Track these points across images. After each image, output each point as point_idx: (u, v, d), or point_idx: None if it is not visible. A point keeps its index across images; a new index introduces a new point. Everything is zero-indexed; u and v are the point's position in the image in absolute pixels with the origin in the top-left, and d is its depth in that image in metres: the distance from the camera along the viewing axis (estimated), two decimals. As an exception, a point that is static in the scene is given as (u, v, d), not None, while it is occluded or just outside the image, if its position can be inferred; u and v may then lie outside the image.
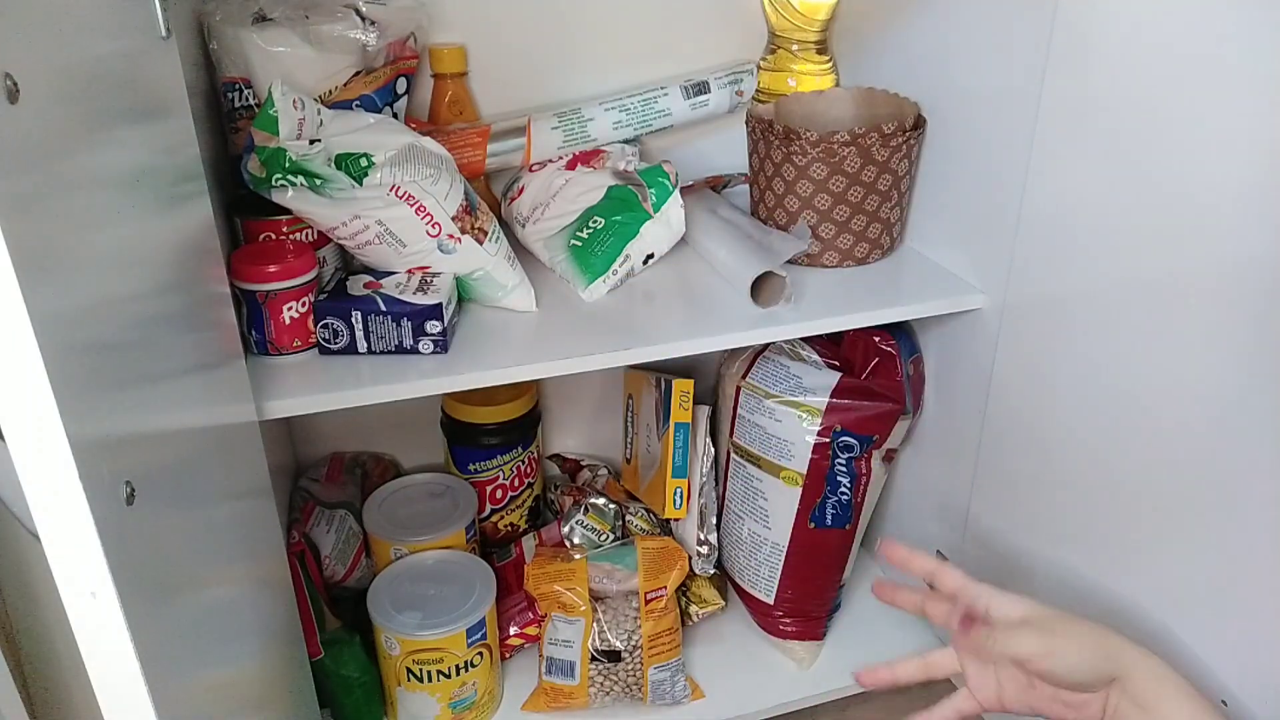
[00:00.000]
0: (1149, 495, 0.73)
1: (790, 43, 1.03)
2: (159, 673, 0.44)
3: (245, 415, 0.70)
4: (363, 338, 0.77)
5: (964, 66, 0.88)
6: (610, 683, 0.95)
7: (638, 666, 0.95)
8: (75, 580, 0.40)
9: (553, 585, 0.95)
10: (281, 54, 0.82)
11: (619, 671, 0.95)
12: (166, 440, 0.51)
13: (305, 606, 0.88)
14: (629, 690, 0.96)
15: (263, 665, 0.68)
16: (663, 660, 0.96)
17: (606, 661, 0.94)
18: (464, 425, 1.06)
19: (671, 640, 0.96)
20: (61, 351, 0.37)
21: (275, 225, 0.80)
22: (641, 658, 0.95)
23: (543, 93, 1.02)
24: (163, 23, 0.57)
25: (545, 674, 0.96)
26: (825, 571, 1.02)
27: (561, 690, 0.96)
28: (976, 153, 0.87)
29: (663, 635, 0.95)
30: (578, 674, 0.94)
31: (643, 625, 0.94)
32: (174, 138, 0.60)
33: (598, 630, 0.94)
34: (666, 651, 0.96)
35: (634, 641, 0.94)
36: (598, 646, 0.94)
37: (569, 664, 0.95)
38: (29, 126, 0.37)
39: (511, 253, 0.86)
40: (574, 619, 0.94)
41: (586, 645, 0.94)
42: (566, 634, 0.95)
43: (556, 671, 0.95)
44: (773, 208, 0.95)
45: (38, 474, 0.38)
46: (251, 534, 0.69)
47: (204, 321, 0.62)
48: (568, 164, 0.97)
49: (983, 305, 0.89)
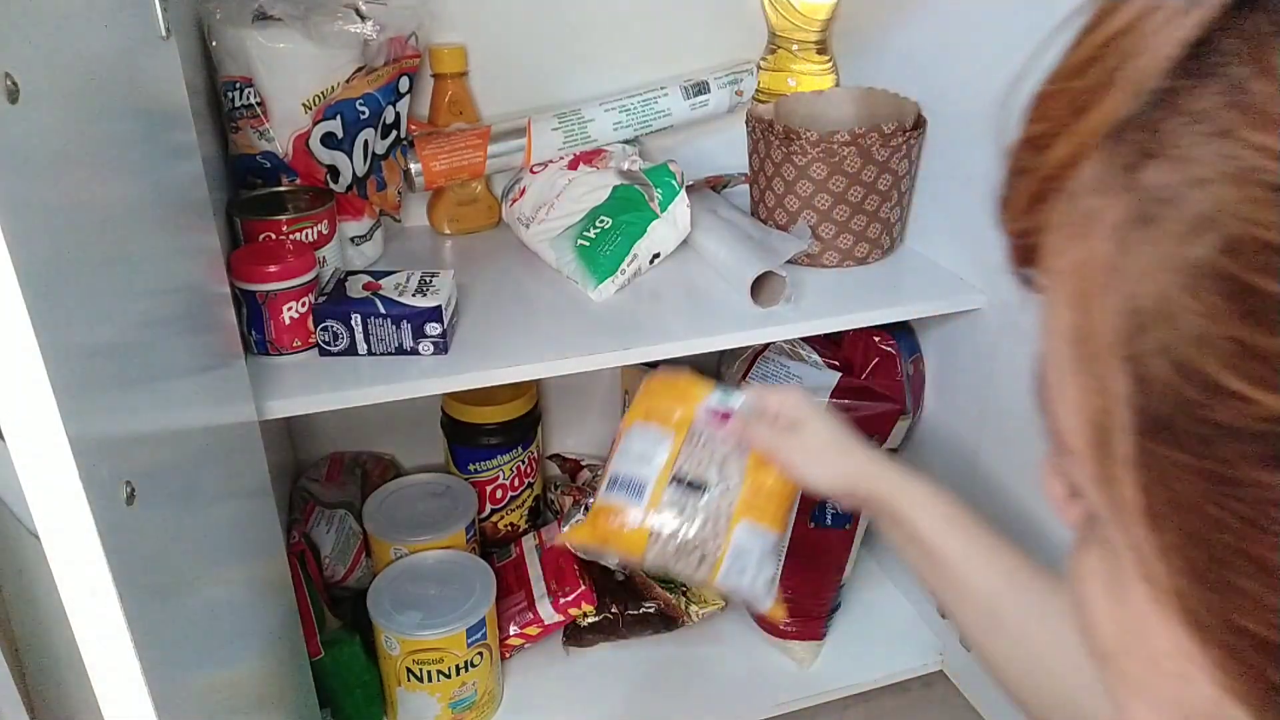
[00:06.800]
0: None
1: (790, 43, 1.03)
2: (159, 673, 0.44)
3: (245, 415, 0.70)
4: (362, 340, 0.77)
5: (964, 66, 0.88)
6: (684, 522, 0.72)
7: (726, 513, 0.72)
8: (75, 580, 0.40)
9: (663, 393, 0.77)
10: (283, 51, 0.82)
11: (699, 510, 0.72)
12: (166, 440, 0.51)
13: (305, 606, 0.88)
14: (700, 547, 0.72)
15: (263, 665, 0.68)
16: (758, 521, 0.72)
17: (689, 489, 0.72)
18: (464, 425, 1.06)
19: (776, 508, 0.73)
20: (62, 352, 0.37)
21: (275, 225, 0.80)
22: (734, 503, 0.72)
23: (543, 93, 1.02)
24: (163, 22, 0.57)
25: (604, 491, 0.74)
26: (825, 571, 1.02)
27: (620, 512, 0.73)
28: (976, 153, 0.87)
29: (767, 492, 0.73)
30: (647, 496, 0.72)
31: (748, 470, 0.72)
32: (174, 137, 0.60)
33: (688, 455, 0.73)
34: (765, 515, 0.73)
35: (730, 483, 0.73)
36: (685, 475, 0.73)
37: (639, 483, 0.73)
38: (29, 126, 0.37)
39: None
40: (664, 432, 0.74)
41: (670, 467, 0.73)
42: (646, 447, 0.74)
43: (620, 488, 0.73)
44: (773, 208, 0.95)
45: (38, 474, 0.38)
46: (251, 534, 0.69)
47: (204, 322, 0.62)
48: (570, 164, 0.97)
49: (983, 305, 0.89)
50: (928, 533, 0.62)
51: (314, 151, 0.86)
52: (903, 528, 0.64)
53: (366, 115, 0.87)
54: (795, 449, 0.69)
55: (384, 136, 0.91)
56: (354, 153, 0.88)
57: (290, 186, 0.86)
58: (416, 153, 0.94)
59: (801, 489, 0.71)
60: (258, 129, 0.84)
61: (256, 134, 0.85)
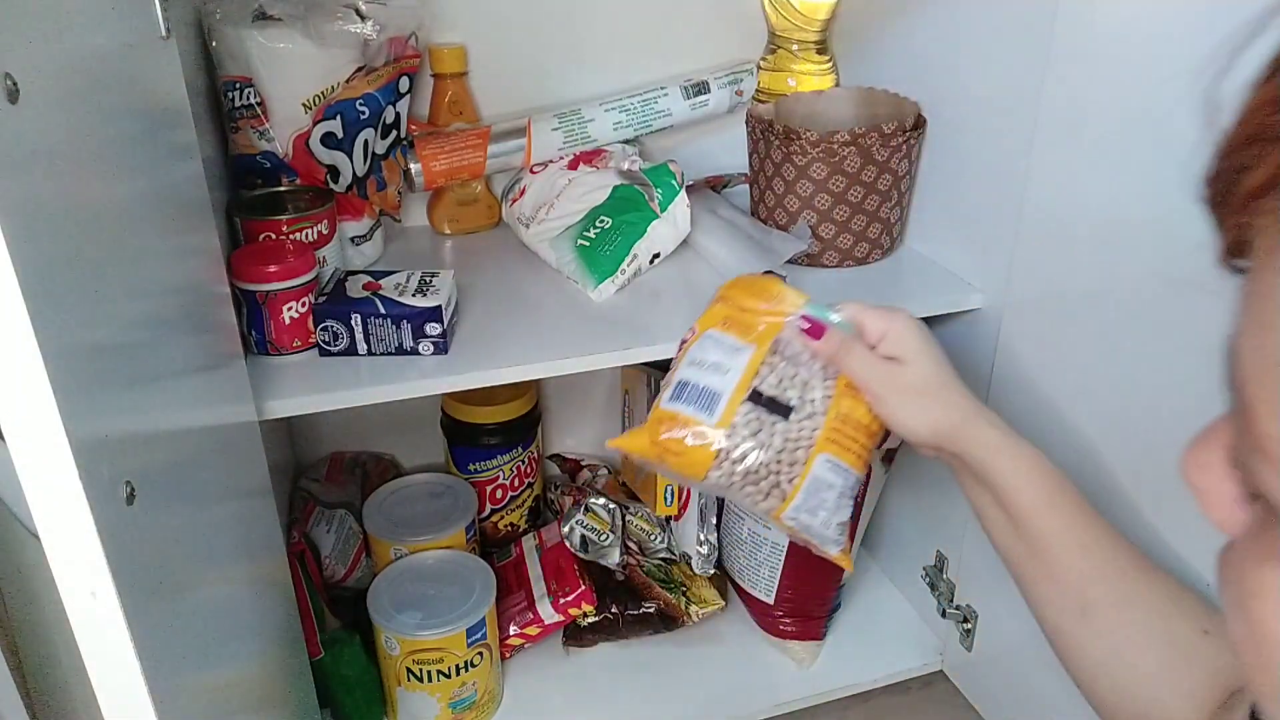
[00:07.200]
0: (1149, 495, 0.73)
1: (790, 43, 1.03)
2: (159, 673, 0.44)
3: (245, 415, 0.70)
4: (362, 340, 0.77)
5: (964, 66, 0.88)
6: (758, 446, 0.63)
7: (807, 442, 0.64)
8: (75, 580, 0.40)
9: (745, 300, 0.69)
10: (283, 51, 0.82)
11: (775, 433, 0.63)
12: (166, 440, 0.51)
13: (305, 606, 0.88)
14: (773, 475, 0.64)
15: (263, 665, 0.68)
16: (840, 457, 0.64)
17: (769, 408, 0.64)
18: (464, 425, 1.06)
19: (861, 444, 0.65)
20: (62, 351, 0.37)
21: (275, 225, 0.80)
22: (818, 431, 0.64)
23: (543, 93, 1.02)
24: (163, 22, 0.57)
25: (669, 399, 0.65)
26: (825, 571, 1.02)
27: (685, 424, 0.64)
28: (976, 153, 0.87)
29: (854, 424, 0.65)
30: (720, 410, 0.63)
31: (836, 396, 0.65)
32: (174, 137, 0.60)
33: (770, 371, 0.65)
34: (848, 452, 0.65)
35: (816, 409, 0.64)
36: (765, 392, 0.64)
37: (713, 394, 0.64)
38: (29, 126, 0.37)
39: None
40: (744, 343, 0.66)
41: (748, 382, 0.64)
42: (723, 357, 0.65)
43: (689, 399, 0.64)
44: (773, 208, 0.95)
45: (38, 474, 0.38)
46: (251, 534, 0.69)
47: (204, 322, 0.62)
48: (570, 164, 0.97)
49: (983, 305, 0.89)
50: (1024, 506, 0.58)
51: (314, 151, 0.86)
52: (993, 494, 0.60)
53: (366, 115, 0.87)
54: (890, 385, 0.62)
55: (384, 136, 0.91)
56: (354, 153, 0.88)
57: (290, 186, 0.86)
58: (416, 153, 0.94)
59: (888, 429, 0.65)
60: (258, 129, 0.84)
61: (256, 134, 0.85)
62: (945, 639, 1.04)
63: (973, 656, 1.00)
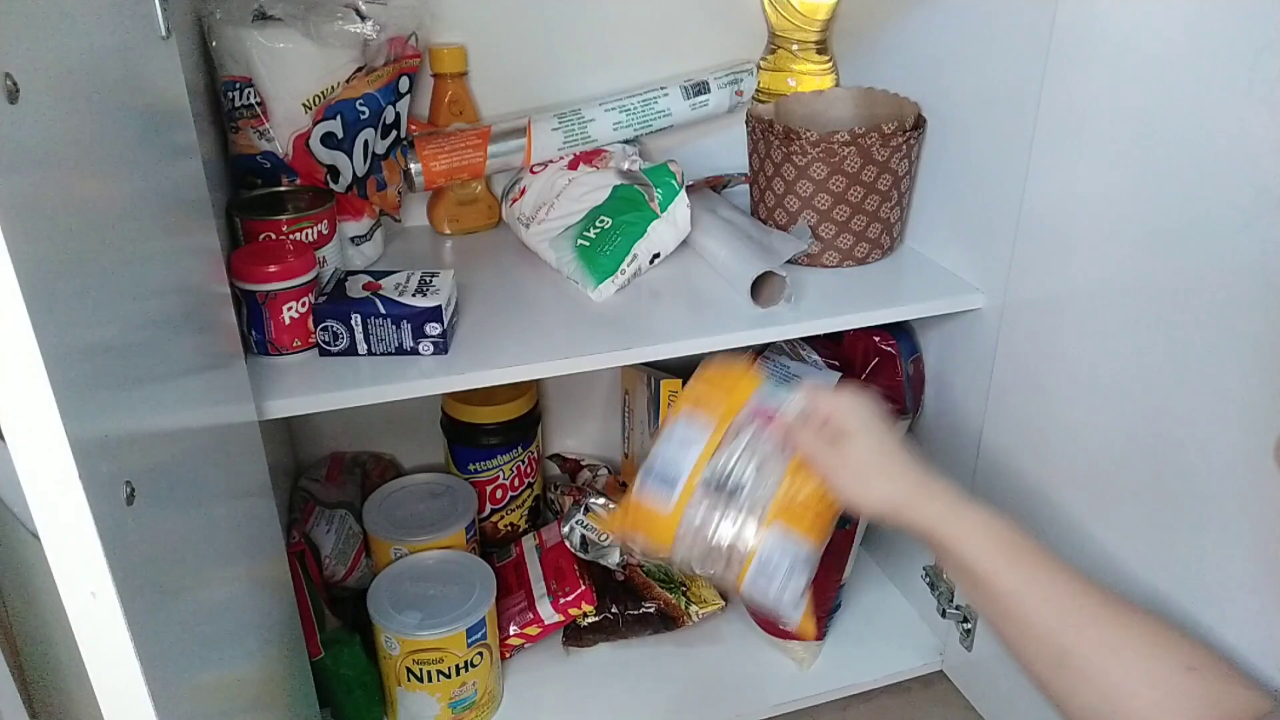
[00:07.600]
0: (1149, 495, 0.73)
1: (790, 43, 1.03)
2: (159, 673, 0.44)
3: (245, 415, 0.70)
4: (362, 340, 0.77)
5: (964, 66, 0.88)
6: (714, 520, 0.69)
7: (759, 515, 0.69)
8: (75, 580, 0.40)
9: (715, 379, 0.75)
10: (283, 51, 0.82)
11: (730, 509, 0.69)
12: (166, 440, 0.51)
13: (305, 606, 0.88)
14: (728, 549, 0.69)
15: (263, 665, 0.68)
16: (794, 528, 0.68)
17: (724, 485, 0.70)
18: (464, 425, 1.06)
19: (814, 517, 0.69)
20: (62, 352, 0.37)
21: (275, 225, 0.80)
22: (768, 505, 0.69)
23: (543, 93, 1.02)
24: (163, 22, 0.57)
25: (640, 477, 0.72)
26: (825, 571, 1.02)
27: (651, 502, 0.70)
28: (976, 153, 0.87)
29: (805, 499, 0.69)
30: (679, 487, 0.70)
31: (788, 473, 0.69)
32: (174, 137, 0.60)
33: (727, 450, 0.70)
34: (800, 522, 0.69)
35: (768, 485, 0.70)
36: (720, 470, 0.70)
37: (675, 473, 0.70)
38: (29, 126, 0.37)
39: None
40: (709, 422, 0.72)
41: (706, 460, 0.70)
42: (690, 435, 0.71)
43: (656, 476, 0.71)
44: (773, 208, 0.95)
45: (38, 474, 0.38)
46: (251, 534, 0.69)
47: (204, 322, 0.62)
48: (570, 164, 0.97)
49: (982, 305, 0.89)
50: (982, 571, 0.59)
51: (314, 151, 0.86)
52: (952, 559, 0.61)
53: (366, 115, 0.87)
54: (838, 462, 0.66)
55: (384, 136, 0.91)
56: (354, 153, 0.88)
57: (290, 186, 0.86)
58: (416, 153, 0.94)
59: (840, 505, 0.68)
60: (258, 129, 0.84)
61: (256, 134, 0.85)
62: (945, 639, 1.04)
63: (973, 656, 1.00)
